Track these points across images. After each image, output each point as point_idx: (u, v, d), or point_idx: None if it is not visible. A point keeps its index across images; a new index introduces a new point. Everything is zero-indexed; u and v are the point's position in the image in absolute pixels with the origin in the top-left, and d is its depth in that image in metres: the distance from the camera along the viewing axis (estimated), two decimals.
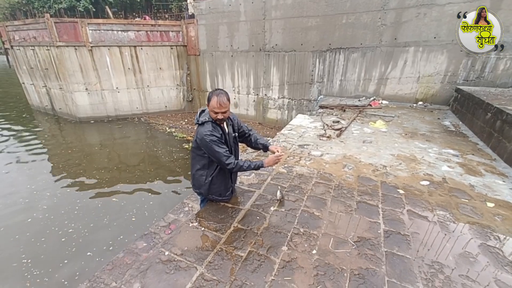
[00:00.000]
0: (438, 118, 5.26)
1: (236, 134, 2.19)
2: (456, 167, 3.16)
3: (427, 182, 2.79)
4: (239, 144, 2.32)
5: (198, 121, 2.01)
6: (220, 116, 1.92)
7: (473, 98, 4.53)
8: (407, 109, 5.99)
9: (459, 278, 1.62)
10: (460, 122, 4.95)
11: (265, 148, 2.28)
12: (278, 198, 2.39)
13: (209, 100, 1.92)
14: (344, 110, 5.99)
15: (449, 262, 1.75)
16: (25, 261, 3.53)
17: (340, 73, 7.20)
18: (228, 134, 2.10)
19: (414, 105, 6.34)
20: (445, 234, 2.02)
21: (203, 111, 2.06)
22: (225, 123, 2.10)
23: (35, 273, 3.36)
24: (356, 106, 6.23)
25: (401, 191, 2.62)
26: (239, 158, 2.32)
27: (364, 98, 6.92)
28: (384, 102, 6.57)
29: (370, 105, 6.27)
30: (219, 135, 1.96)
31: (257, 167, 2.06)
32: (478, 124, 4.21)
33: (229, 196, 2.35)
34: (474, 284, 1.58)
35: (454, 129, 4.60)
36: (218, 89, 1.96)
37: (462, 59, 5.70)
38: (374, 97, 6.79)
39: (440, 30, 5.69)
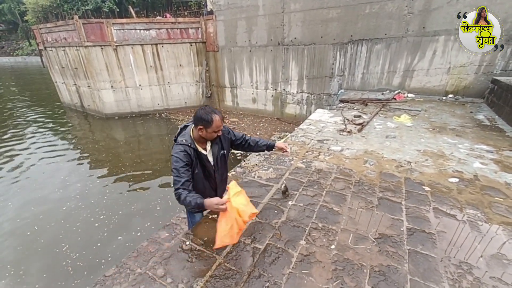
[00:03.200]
0: (471, 112, 4.90)
1: (225, 151, 2.00)
2: (490, 164, 2.94)
3: (456, 179, 2.63)
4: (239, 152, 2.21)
5: (176, 139, 1.85)
6: (219, 134, 1.82)
7: None
8: (436, 103, 5.64)
9: (490, 281, 1.53)
10: (496, 116, 4.57)
11: (270, 148, 2.20)
12: (282, 190, 2.41)
13: (209, 121, 1.70)
14: (366, 104, 5.77)
15: (480, 263, 1.65)
16: (65, 247, 3.83)
17: (362, 65, 6.93)
18: (213, 155, 1.93)
19: (444, 98, 5.95)
20: (476, 234, 1.90)
21: (184, 127, 1.89)
22: (209, 144, 1.91)
23: (73, 257, 3.65)
24: (379, 100, 5.98)
25: (427, 188, 2.49)
26: (227, 178, 2.21)
27: (388, 91, 6.61)
28: (409, 95, 6.23)
29: (395, 98, 5.99)
30: (188, 159, 1.76)
31: (197, 205, 1.63)
32: None
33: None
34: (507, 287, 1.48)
35: (488, 124, 4.27)
36: (206, 106, 1.81)
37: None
38: (399, 90, 6.46)
39: None
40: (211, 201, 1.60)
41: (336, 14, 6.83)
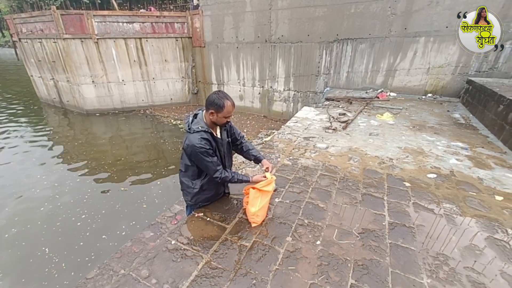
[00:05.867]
0: (448, 111, 5.14)
1: (229, 139, 2.10)
2: (464, 160, 3.11)
3: (434, 175, 2.76)
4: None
5: (189, 129, 1.84)
6: (229, 120, 1.88)
7: (485, 90, 4.40)
8: (416, 102, 5.87)
9: (464, 270, 1.62)
10: (471, 115, 4.83)
11: (257, 160, 2.21)
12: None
13: (220, 106, 1.74)
14: (351, 103, 5.91)
15: (455, 254, 1.75)
16: (47, 250, 3.66)
17: (347, 64, 7.07)
18: (222, 140, 2.00)
19: (423, 97, 6.20)
20: (451, 227, 2.01)
21: (195, 116, 1.91)
22: (218, 129, 1.99)
23: (56, 260, 3.49)
24: (363, 98, 6.13)
25: (407, 184, 2.60)
26: (232, 164, 2.27)
27: (371, 90, 6.79)
28: (392, 94, 6.44)
29: (378, 97, 6.16)
30: (209, 147, 1.83)
31: (243, 181, 2.02)
32: (490, 116, 4.11)
33: (219, 198, 2.29)
34: (479, 276, 1.58)
35: (464, 122, 4.50)
36: (219, 91, 1.84)
37: None
38: (382, 89, 6.66)
39: (453, 19, 5.48)
40: (258, 177, 2.03)
41: (322, 13, 6.90)
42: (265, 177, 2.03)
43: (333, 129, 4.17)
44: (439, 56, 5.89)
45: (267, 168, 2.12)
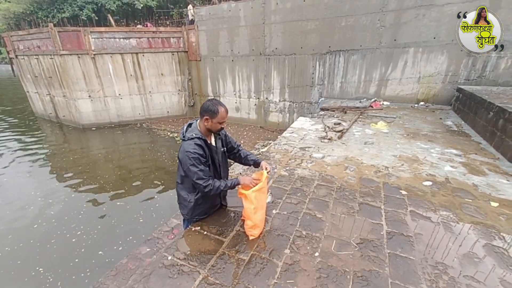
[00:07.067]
0: (440, 118, 5.23)
1: (225, 149, 2.10)
2: (459, 167, 3.14)
3: (430, 183, 2.78)
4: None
5: (184, 136, 1.86)
6: (223, 126, 1.90)
7: (474, 97, 4.52)
8: (409, 110, 5.98)
9: (464, 279, 1.61)
10: (463, 122, 4.92)
11: (256, 164, 2.23)
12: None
13: (214, 112, 1.79)
14: (345, 112, 5.99)
15: (454, 263, 1.74)
16: (41, 269, 3.56)
17: (340, 75, 7.22)
18: (217, 149, 2.01)
19: (416, 105, 6.32)
20: (449, 235, 2.00)
21: (189, 125, 1.93)
22: (213, 138, 2.01)
23: (51, 280, 3.39)
24: (357, 107, 6.23)
25: (404, 192, 2.61)
26: (228, 175, 2.26)
27: (365, 99, 6.92)
28: (385, 103, 6.56)
29: (371, 106, 6.27)
30: (202, 153, 1.83)
31: (233, 186, 1.96)
32: (481, 123, 4.19)
33: (216, 210, 2.28)
34: (479, 285, 1.57)
35: (456, 129, 4.58)
36: (213, 99, 1.88)
37: (463, 59, 5.69)
38: (375, 98, 6.79)
39: (440, 31, 5.69)
40: (245, 178, 1.99)
41: (314, 26, 7.12)
42: (260, 178, 2.01)
43: (329, 139, 4.21)
44: (429, 66, 6.07)
45: (266, 167, 2.14)
